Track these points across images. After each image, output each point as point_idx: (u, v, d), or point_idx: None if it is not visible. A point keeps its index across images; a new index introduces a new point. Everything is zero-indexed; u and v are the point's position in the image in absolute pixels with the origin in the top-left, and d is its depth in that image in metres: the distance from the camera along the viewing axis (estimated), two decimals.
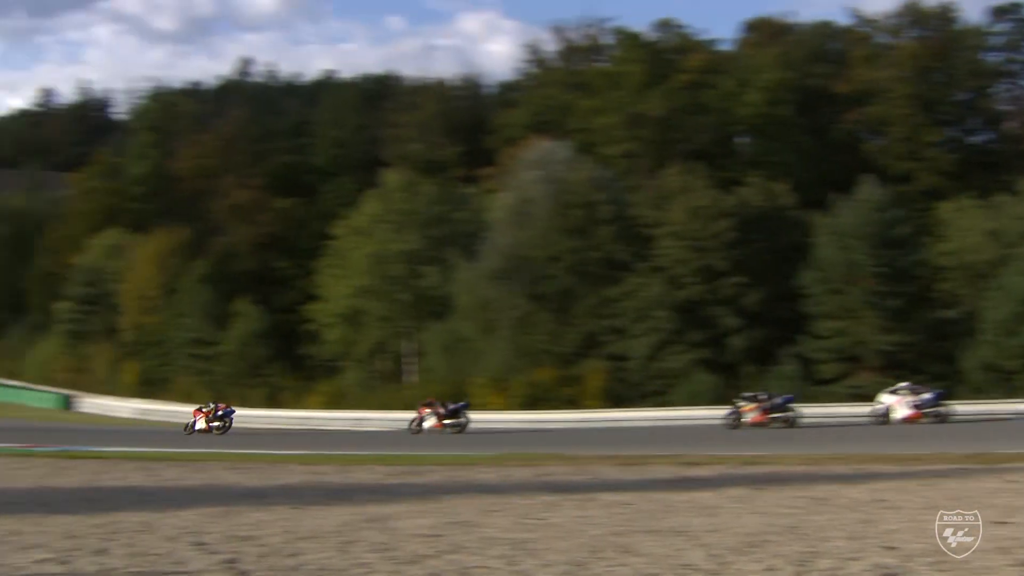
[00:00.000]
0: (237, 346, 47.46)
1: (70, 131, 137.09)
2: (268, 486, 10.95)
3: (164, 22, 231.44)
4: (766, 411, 21.77)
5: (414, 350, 42.42)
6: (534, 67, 59.51)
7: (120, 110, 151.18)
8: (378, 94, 64.64)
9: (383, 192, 45.20)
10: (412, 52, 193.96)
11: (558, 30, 58.23)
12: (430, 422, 25.39)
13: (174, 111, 66.85)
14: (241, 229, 54.08)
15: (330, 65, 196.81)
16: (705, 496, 8.88)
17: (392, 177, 45.96)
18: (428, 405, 26.26)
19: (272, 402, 43.58)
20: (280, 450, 16.65)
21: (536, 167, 37.71)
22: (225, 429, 25.44)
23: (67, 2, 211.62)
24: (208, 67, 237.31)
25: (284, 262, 52.05)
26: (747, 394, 23.16)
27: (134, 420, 42.47)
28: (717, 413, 29.50)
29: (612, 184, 37.76)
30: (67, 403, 49.62)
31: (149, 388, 49.38)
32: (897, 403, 21.11)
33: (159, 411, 43.42)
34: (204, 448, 17.60)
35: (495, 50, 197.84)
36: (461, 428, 24.58)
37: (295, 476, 12.04)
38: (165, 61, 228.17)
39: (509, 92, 63.16)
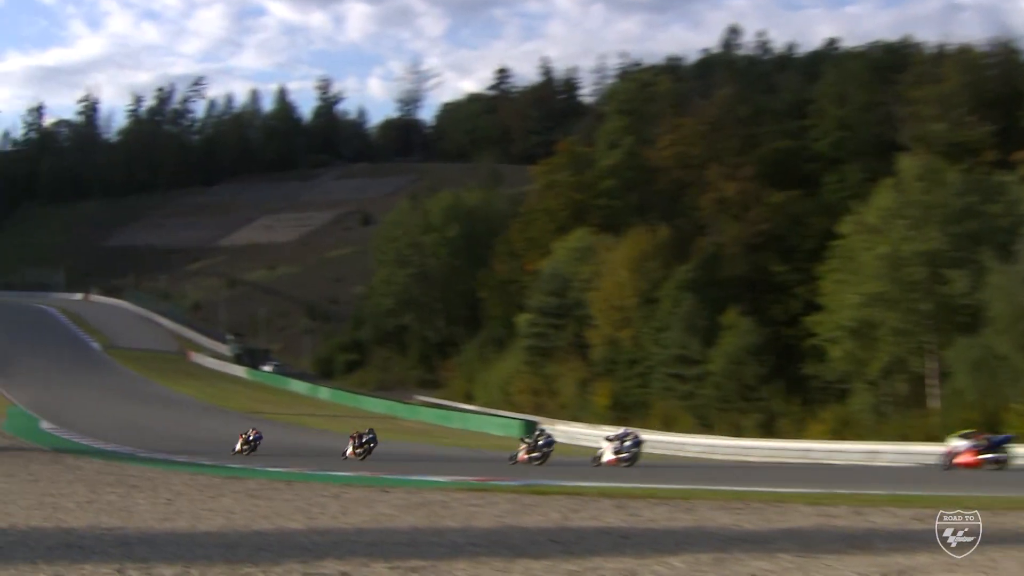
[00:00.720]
0: (726, 365, 63.04)
1: (529, 117, 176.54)
2: (769, 529, 13.34)
3: None
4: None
5: (937, 370, 54.78)
6: None
7: (587, 92, 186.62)
8: (891, 65, 79.27)
9: (899, 181, 57.76)
10: (931, 13, 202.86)
11: None
12: (349, 449, 36.31)
13: (650, 91, 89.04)
14: (730, 227, 72.39)
15: (832, 32, 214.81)
16: None
17: (909, 163, 58.59)
18: (352, 437, 37.33)
19: (767, 431, 57.90)
20: (781, 487, 19.92)
21: None
22: None
23: None
24: (688, 39, 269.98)
25: (781, 266, 68.29)
26: None
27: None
28: None
29: None
30: (532, 430, 61.36)
31: (623, 413, 66.83)
32: (607, 448, 32.72)
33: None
34: (688, 484, 21.65)
35: None
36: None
37: (800, 518, 14.56)
38: (638, 33, 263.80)
39: None
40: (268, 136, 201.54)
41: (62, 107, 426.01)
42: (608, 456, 32.52)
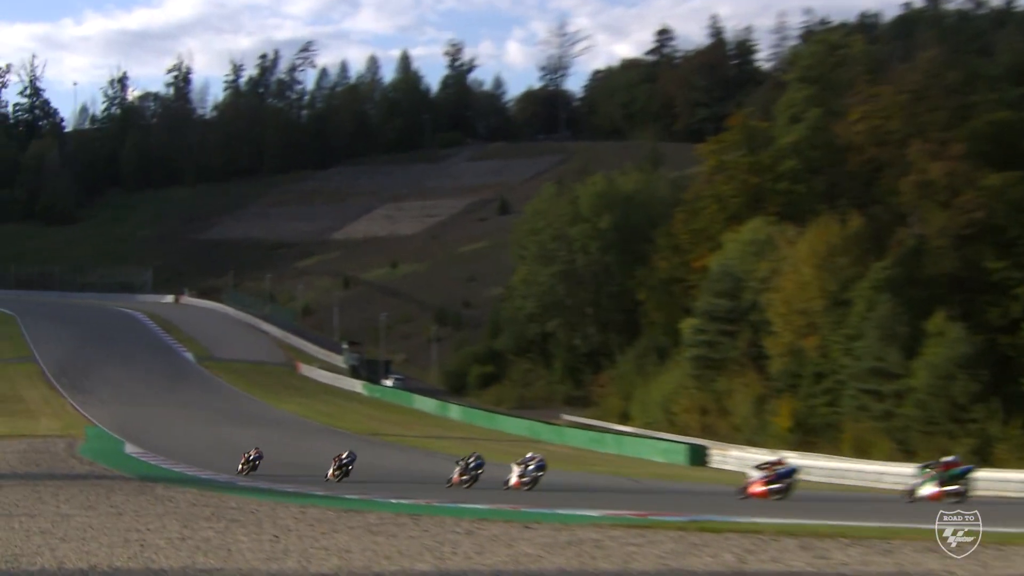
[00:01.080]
0: (931, 380, 63.62)
1: (695, 87, 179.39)
2: None
3: None
4: None
5: None
6: None
7: (764, 56, 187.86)
8: None
9: None
10: None
11: None
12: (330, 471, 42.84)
13: (839, 55, 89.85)
14: (936, 216, 72.78)
15: None
16: None
17: None
18: (335, 458, 43.87)
19: (981, 458, 56.58)
20: (1000, 526, 19.56)
21: None
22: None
23: None
24: None
25: (997, 261, 68.78)
26: None
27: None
28: None
29: None
30: (699, 456, 67.20)
31: (807, 436, 68.49)
32: (514, 472, 38.33)
33: (822, 469, 58.20)
34: (886, 521, 21.74)
35: None
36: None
37: None
38: None
39: None
40: (389, 111, 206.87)
41: (149, 78, 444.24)
42: (513, 479, 37.94)
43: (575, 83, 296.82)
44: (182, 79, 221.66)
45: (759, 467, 34.94)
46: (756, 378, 75.72)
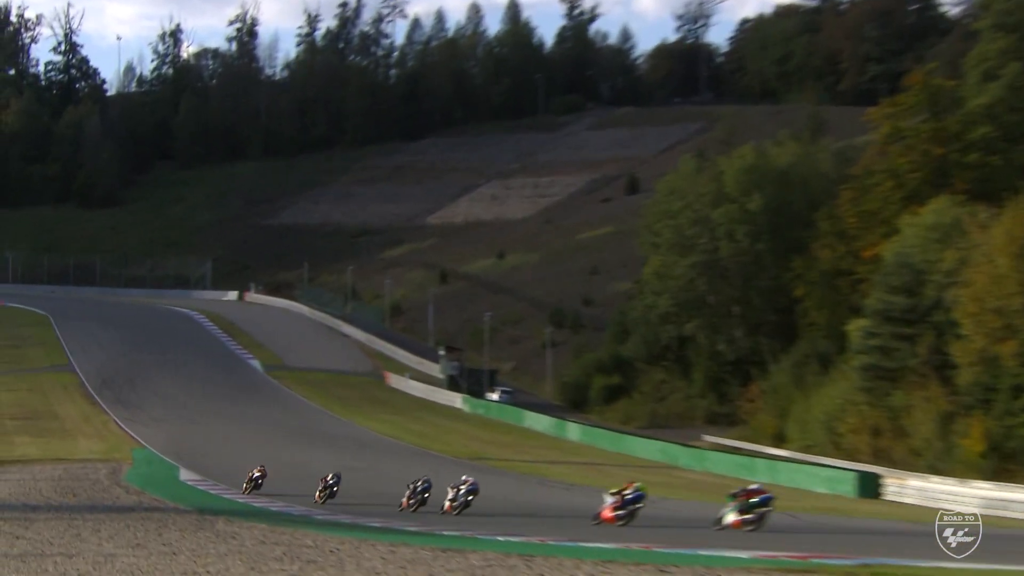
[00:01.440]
0: None
1: (866, 39, 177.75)
2: None
3: None
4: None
5: None
6: None
7: (951, 0, 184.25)
8: None
9: None
10: None
11: None
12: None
13: None
14: None
15: None
16: None
17: None
18: (321, 479, 48.77)
19: None
20: None
21: None
22: None
23: None
24: None
25: None
26: None
27: (982, 517, 58.52)
28: None
29: None
30: (871, 486, 66.54)
31: (1004, 463, 67.43)
32: (448, 495, 42.94)
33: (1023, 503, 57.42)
34: None
35: None
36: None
37: None
38: None
39: None
40: (494, 71, 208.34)
41: (207, 31, 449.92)
42: (446, 504, 42.75)
43: (719, 35, 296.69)
44: (247, 32, 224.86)
45: (615, 493, 39.29)
46: (940, 392, 74.74)
